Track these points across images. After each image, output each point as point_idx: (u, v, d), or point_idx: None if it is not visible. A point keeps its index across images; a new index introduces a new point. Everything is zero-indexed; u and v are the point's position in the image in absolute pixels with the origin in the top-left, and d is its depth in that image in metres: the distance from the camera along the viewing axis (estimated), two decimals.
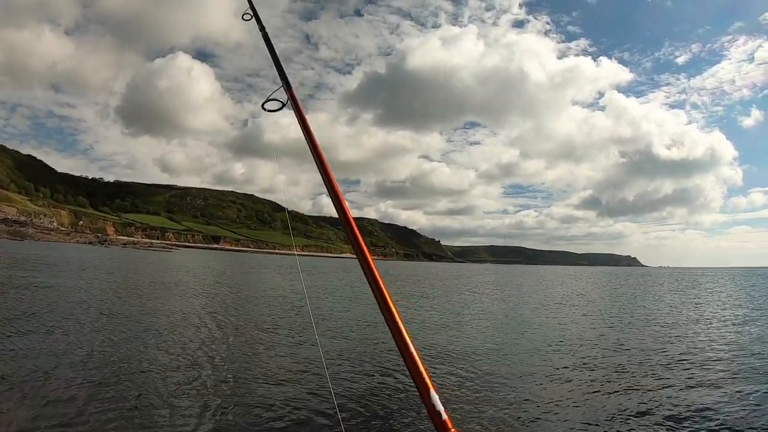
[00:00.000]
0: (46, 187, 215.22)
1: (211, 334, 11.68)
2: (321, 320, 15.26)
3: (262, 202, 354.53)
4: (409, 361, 1.33)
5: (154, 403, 6.46)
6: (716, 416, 7.06)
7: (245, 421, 6.16)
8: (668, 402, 7.72)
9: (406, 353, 1.34)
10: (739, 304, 26.65)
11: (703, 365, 10.61)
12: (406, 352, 1.35)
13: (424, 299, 25.02)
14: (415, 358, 1.33)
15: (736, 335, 15.34)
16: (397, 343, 1.36)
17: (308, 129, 2.00)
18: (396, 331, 1.37)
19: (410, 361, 1.33)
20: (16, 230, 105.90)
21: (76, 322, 11.99)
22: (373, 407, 6.87)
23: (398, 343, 1.36)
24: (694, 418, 6.98)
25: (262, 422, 6.16)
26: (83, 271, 29.45)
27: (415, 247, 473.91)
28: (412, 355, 1.33)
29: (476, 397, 7.61)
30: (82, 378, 7.30)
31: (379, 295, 1.47)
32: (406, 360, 1.34)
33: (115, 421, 5.77)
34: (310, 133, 1.98)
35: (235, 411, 6.43)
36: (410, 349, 1.34)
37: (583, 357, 11.18)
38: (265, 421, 6.20)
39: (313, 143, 1.92)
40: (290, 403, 6.85)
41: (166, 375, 7.78)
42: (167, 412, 6.16)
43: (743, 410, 7.39)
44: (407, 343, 1.36)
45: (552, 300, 27.24)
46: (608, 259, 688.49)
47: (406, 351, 1.35)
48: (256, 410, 6.51)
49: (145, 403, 6.43)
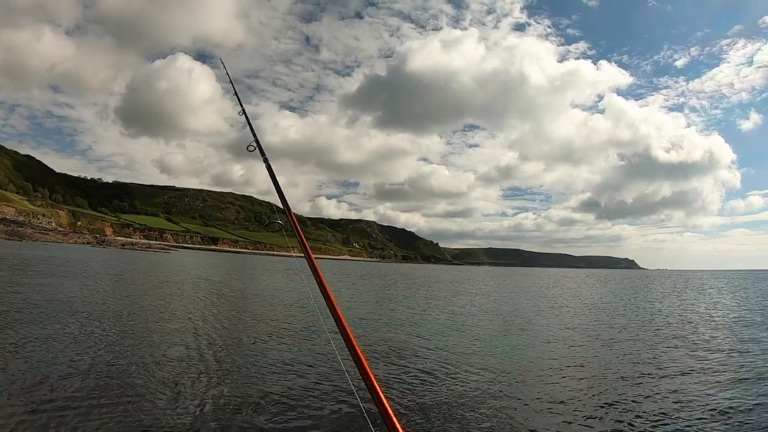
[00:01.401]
0: (45, 187, 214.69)
1: (230, 333, 11.89)
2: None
3: (260, 204, 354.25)
4: (374, 396, 1.33)
5: (181, 395, 6.70)
6: (717, 416, 7.15)
7: (270, 412, 6.40)
8: (665, 403, 7.85)
9: (368, 382, 1.36)
10: (738, 306, 26.86)
11: (702, 365, 10.75)
12: (368, 381, 1.37)
13: (422, 303, 25.20)
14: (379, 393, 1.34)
15: (732, 335, 15.49)
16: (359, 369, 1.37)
17: (306, 248, 2.16)
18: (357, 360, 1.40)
19: (375, 395, 1.33)
20: (14, 230, 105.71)
21: (95, 320, 12.16)
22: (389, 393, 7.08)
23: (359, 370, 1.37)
24: (695, 418, 7.04)
25: (287, 412, 6.44)
26: (86, 271, 29.56)
27: (414, 249, 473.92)
28: (376, 389, 1.35)
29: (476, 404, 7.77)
30: (100, 372, 7.50)
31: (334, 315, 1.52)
32: (371, 392, 1.36)
33: (131, 416, 5.95)
34: (307, 250, 2.16)
35: (260, 402, 6.66)
36: (372, 381, 1.36)
37: (582, 358, 11.36)
38: (288, 410, 6.49)
39: (311, 260, 2.08)
40: (312, 393, 7.22)
41: (190, 369, 8.04)
42: (194, 404, 6.38)
43: (744, 410, 7.43)
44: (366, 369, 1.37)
45: (551, 302, 27.44)
46: (606, 261, 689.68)
47: (368, 380, 1.37)
48: (279, 401, 6.80)
49: (169, 396, 6.65)
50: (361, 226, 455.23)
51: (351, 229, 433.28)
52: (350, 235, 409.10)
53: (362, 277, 51.42)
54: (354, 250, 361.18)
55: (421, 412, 6.82)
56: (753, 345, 13.69)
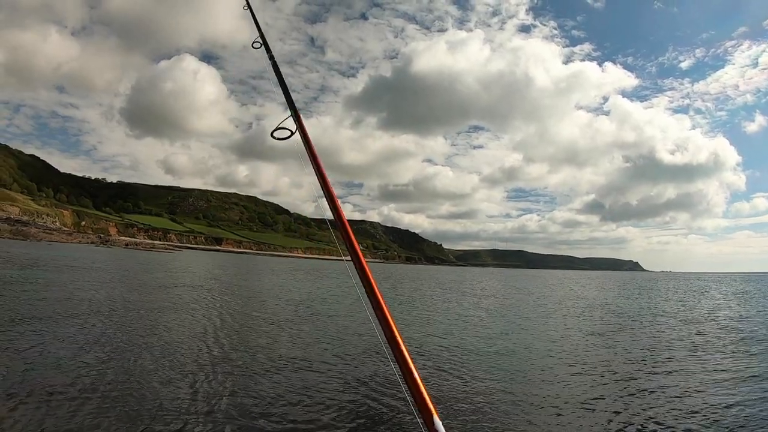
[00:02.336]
0: (49, 187, 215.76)
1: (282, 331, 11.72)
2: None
3: (264, 204, 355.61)
4: (411, 382, 1.25)
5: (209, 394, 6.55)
6: (716, 416, 7.03)
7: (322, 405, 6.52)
8: (668, 404, 7.69)
9: (407, 372, 1.27)
10: (741, 308, 26.52)
11: (704, 366, 10.55)
12: (406, 370, 1.27)
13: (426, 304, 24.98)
14: (416, 378, 1.25)
15: (738, 337, 15.26)
16: (399, 363, 1.29)
17: (315, 157, 1.97)
18: (397, 352, 1.30)
19: (411, 381, 1.25)
20: (18, 230, 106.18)
21: (109, 317, 12.17)
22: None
23: (399, 364, 1.29)
24: (695, 418, 6.95)
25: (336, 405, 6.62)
26: (97, 270, 29.51)
27: (417, 250, 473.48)
28: (413, 375, 1.26)
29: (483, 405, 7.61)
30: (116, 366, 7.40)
31: (377, 307, 1.41)
32: (407, 379, 1.26)
33: (144, 413, 5.83)
34: (317, 160, 1.96)
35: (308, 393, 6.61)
36: (411, 368, 1.27)
37: (586, 361, 11.17)
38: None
39: (321, 172, 1.91)
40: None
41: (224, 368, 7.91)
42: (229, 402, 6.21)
43: (745, 412, 7.33)
44: (408, 363, 1.28)
45: (557, 304, 27.19)
46: (610, 263, 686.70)
47: (407, 370, 1.27)
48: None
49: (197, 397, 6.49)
50: (364, 227, 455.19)
51: (355, 230, 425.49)
52: (354, 236, 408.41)
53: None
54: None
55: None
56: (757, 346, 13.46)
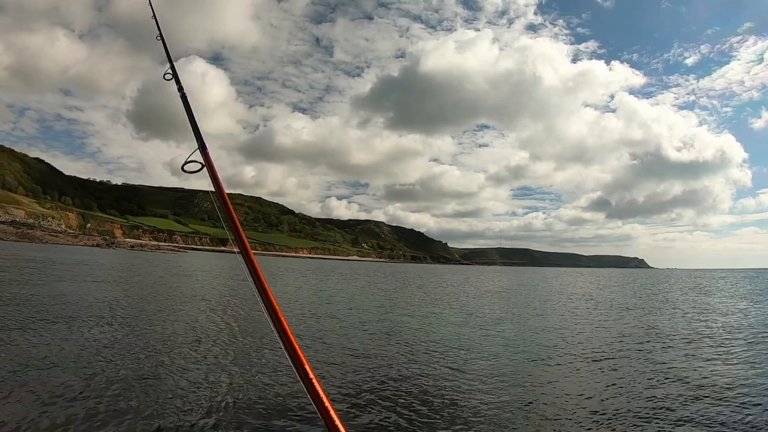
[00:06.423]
0: (54, 189, 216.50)
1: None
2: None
3: (269, 205, 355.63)
4: (289, 349, 1.50)
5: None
6: (717, 416, 6.91)
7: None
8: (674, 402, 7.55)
9: (286, 340, 1.51)
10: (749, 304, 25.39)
11: (708, 365, 10.28)
12: (285, 339, 1.51)
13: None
14: (294, 346, 1.50)
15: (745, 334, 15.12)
16: (278, 333, 1.51)
17: (222, 192, 2.06)
18: (286, 341, 1.51)
19: (290, 348, 1.50)
20: (24, 232, 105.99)
21: (119, 319, 12.15)
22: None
23: (279, 333, 1.51)
24: (696, 419, 6.81)
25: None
26: (106, 272, 28.64)
27: (423, 249, 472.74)
28: (293, 343, 1.50)
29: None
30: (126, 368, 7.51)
31: (261, 290, 1.65)
32: (286, 347, 1.50)
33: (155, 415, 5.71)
34: (223, 195, 2.06)
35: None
36: (290, 336, 1.50)
37: (593, 358, 10.30)
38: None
39: (229, 211, 2.02)
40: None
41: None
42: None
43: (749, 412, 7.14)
44: (287, 332, 1.51)
45: (568, 302, 25.95)
46: (616, 261, 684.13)
47: (286, 338, 1.51)
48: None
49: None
50: (370, 226, 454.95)
51: (360, 230, 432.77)
52: (359, 235, 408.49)
53: (368, 279, 50.04)
54: (363, 251, 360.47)
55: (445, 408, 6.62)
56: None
